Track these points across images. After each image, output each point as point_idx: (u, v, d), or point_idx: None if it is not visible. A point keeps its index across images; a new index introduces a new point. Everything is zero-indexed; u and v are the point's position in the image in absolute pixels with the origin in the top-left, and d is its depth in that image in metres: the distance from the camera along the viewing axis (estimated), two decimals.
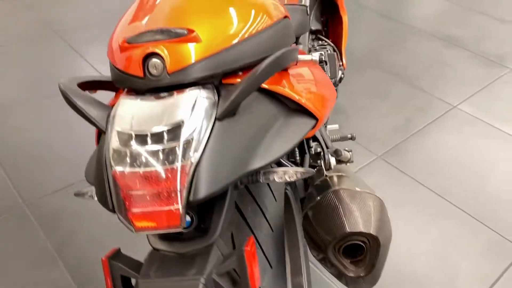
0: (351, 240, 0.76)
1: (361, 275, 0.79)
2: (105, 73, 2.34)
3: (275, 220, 0.88)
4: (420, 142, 1.98)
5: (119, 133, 0.58)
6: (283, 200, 0.94)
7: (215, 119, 0.60)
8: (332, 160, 1.01)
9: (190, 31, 0.62)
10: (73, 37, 2.66)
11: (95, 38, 2.65)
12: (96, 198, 0.73)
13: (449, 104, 2.19)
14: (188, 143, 0.56)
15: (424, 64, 2.47)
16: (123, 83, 0.66)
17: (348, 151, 1.09)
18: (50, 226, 1.61)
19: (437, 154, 1.91)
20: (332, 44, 1.50)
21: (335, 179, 0.93)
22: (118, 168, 0.57)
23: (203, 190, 0.56)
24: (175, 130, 0.56)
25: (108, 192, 0.58)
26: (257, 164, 0.62)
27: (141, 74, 0.62)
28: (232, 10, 0.69)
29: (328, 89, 0.84)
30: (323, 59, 1.40)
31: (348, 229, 0.75)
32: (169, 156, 0.56)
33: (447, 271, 1.50)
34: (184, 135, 0.56)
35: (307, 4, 1.48)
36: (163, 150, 0.56)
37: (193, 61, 0.62)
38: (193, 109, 0.58)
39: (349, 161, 1.08)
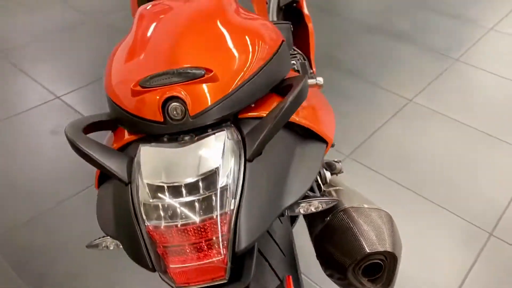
0: (370, 260, 0.77)
1: None
2: (60, 91, 2.22)
3: (285, 243, 0.88)
4: (384, 138, 2.04)
5: (149, 185, 0.55)
6: (289, 221, 0.93)
7: (245, 160, 0.58)
8: (327, 174, 1.01)
9: (208, 70, 0.60)
10: (16, 56, 2.51)
11: (40, 56, 2.50)
12: (112, 248, 0.69)
13: (405, 99, 2.27)
14: (224, 190, 0.54)
15: (375, 60, 2.55)
16: (138, 129, 0.63)
17: (338, 162, 1.10)
18: (22, 264, 1.51)
19: (402, 149, 1.98)
20: (301, 53, 1.51)
21: (334, 194, 0.94)
22: (152, 223, 0.54)
23: (247, 239, 0.54)
24: (210, 178, 0.54)
25: (145, 249, 0.55)
26: (289, 201, 0.61)
27: (160, 119, 0.59)
28: (240, 44, 0.68)
29: (329, 111, 0.85)
30: (295, 69, 1.40)
31: (368, 250, 0.76)
32: (206, 206, 0.54)
33: (426, 263, 1.56)
34: (220, 182, 0.54)
35: (274, 16, 1.48)
36: (199, 200, 0.54)
37: (213, 101, 0.60)
38: (223, 153, 0.57)
39: (340, 171, 1.10)
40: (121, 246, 0.67)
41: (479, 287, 1.50)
